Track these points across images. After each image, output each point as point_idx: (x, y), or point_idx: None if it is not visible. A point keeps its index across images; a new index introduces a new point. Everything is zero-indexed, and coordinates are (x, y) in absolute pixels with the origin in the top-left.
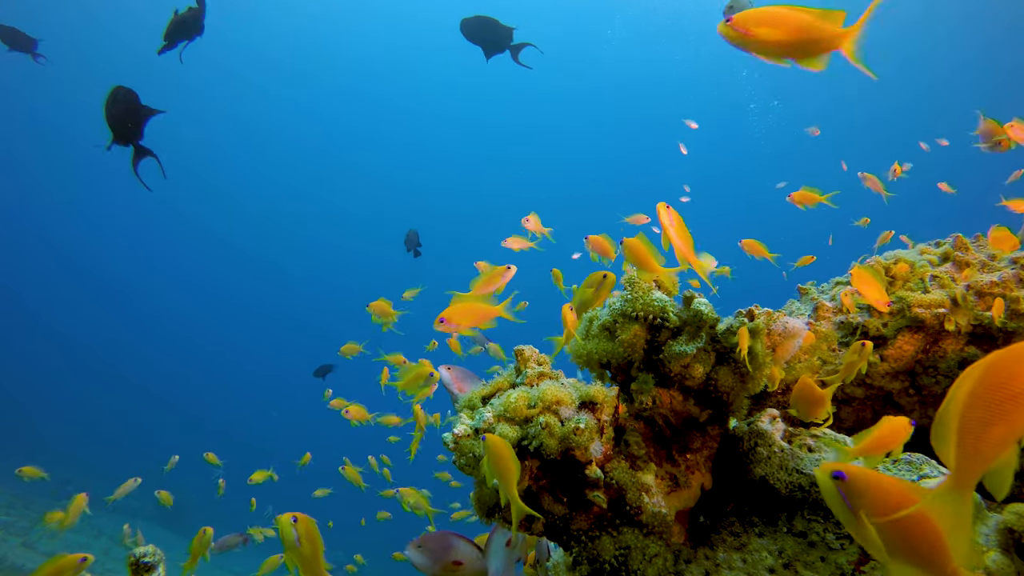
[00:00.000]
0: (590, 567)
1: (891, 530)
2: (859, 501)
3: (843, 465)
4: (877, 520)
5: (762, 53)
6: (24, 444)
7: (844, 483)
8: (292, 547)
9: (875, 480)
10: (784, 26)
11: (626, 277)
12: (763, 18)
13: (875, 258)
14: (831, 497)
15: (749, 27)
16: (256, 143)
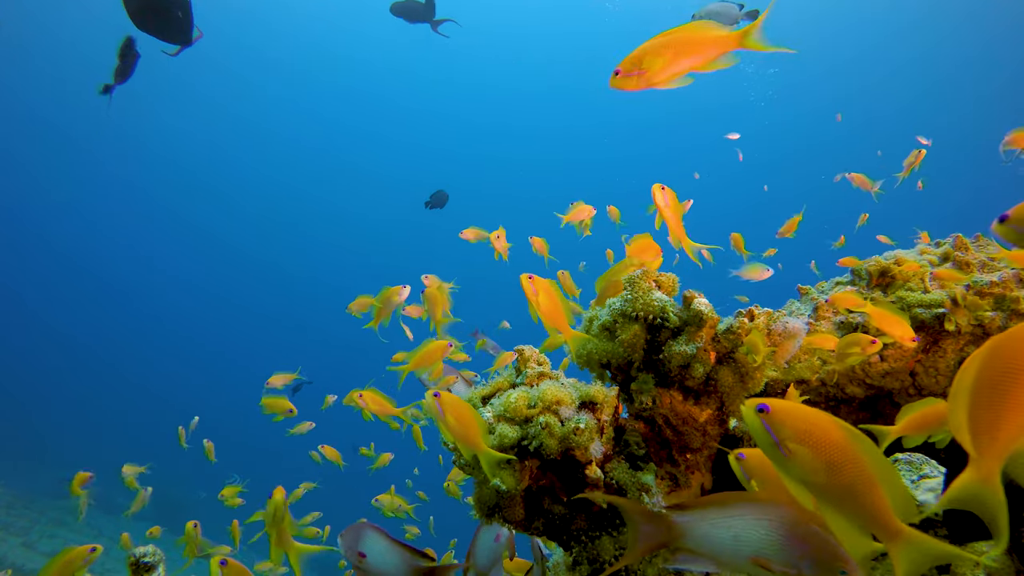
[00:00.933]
0: (590, 567)
1: (819, 466)
2: (783, 432)
3: (768, 399)
4: (804, 453)
5: (666, 85)
6: (24, 444)
7: (768, 415)
8: None
9: (799, 410)
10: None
11: (626, 277)
12: (652, 49)
13: (875, 258)
14: (756, 431)
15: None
16: (256, 143)
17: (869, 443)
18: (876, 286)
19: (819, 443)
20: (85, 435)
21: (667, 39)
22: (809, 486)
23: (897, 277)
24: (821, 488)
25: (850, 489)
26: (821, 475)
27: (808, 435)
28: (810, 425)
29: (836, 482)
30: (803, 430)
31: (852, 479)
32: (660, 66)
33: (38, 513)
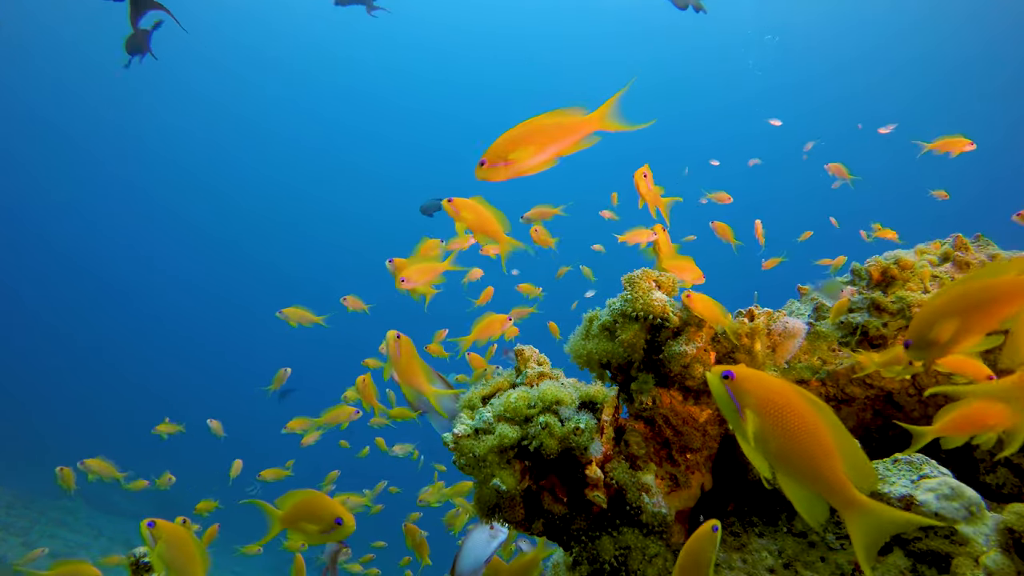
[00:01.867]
0: (590, 567)
1: (778, 433)
2: (746, 398)
3: (733, 366)
4: (764, 420)
5: (533, 172)
6: (24, 444)
7: (731, 382)
8: (152, 550)
9: (761, 378)
10: (540, 141)
11: (626, 277)
12: (517, 140)
13: (875, 258)
14: (720, 397)
15: (508, 156)
16: (255, 143)
17: (830, 413)
18: (876, 286)
19: (780, 410)
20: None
21: (531, 129)
22: (768, 453)
23: (897, 278)
24: (779, 455)
25: (808, 457)
26: (780, 442)
27: (770, 402)
28: (772, 393)
29: (794, 449)
30: (765, 397)
31: (810, 447)
32: (527, 156)
33: (38, 513)
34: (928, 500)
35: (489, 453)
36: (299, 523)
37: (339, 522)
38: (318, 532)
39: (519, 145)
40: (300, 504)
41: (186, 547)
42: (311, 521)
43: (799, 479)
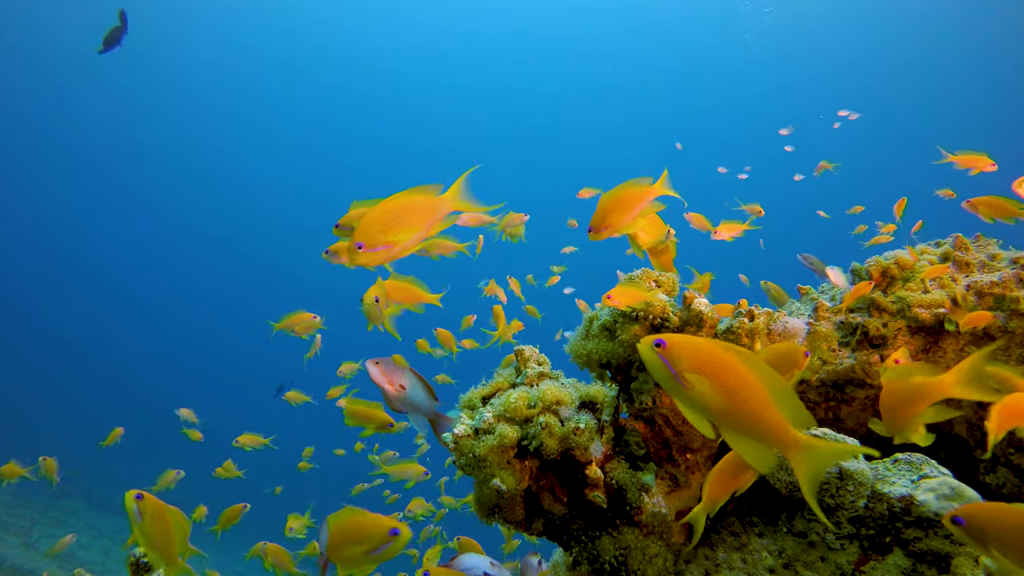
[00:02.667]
0: (590, 567)
1: (717, 392)
2: (681, 364)
3: (663, 335)
4: (702, 382)
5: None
6: (24, 444)
7: (664, 349)
8: (135, 524)
9: (694, 341)
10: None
11: (626, 277)
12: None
13: (875, 258)
14: (655, 366)
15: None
16: (255, 142)
17: (762, 364)
18: (876, 286)
19: (716, 370)
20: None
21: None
22: (709, 412)
23: (897, 278)
24: (721, 413)
25: (749, 410)
26: (721, 400)
27: (705, 364)
28: (706, 354)
29: (735, 405)
30: (700, 360)
31: (750, 400)
32: (406, 238)
33: (38, 513)
34: (928, 500)
35: (489, 453)
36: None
37: (395, 533)
38: (367, 552)
39: (396, 227)
40: (341, 528)
41: (167, 524)
42: (358, 543)
43: (743, 431)
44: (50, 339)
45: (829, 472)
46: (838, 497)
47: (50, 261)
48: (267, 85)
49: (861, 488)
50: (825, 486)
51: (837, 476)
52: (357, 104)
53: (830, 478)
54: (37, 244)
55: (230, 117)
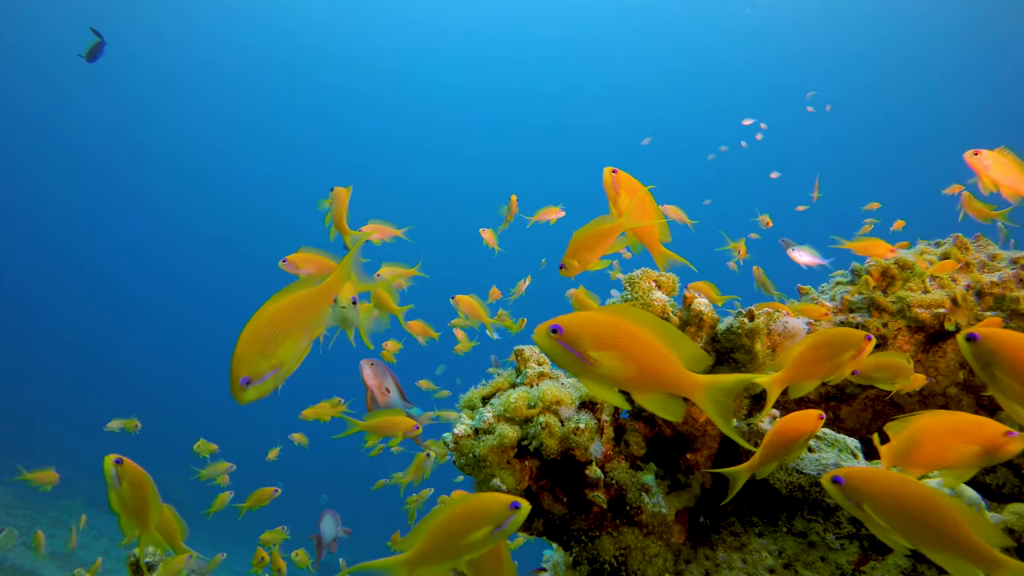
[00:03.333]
0: (590, 567)
1: (622, 361)
2: (582, 344)
3: (559, 319)
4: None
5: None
6: (24, 444)
7: (562, 335)
8: (112, 488)
9: (585, 320)
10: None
11: (626, 277)
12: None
13: (875, 258)
14: (556, 352)
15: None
16: (255, 143)
17: (652, 318)
18: (876, 286)
19: (618, 342)
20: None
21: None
22: (619, 382)
23: (897, 278)
24: (631, 380)
25: (650, 368)
26: (629, 369)
27: (606, 338)
28: (604, 328)
29: (642, 369)
30: (600, 336)
31: (650, 359)
32: (291, 356)
33: (38, 513)
34: None
35: (489, 453)
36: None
37: (516, 506)
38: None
39: (277, 344)
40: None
41: (145, 493)
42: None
43: (652, 389)
44: (50, 339)
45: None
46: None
47: (50, 261)
48: (267, 85)
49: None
50: None
51: None
52: (356, 104)
53: None
54: (37, 244)
55: (230, 117)
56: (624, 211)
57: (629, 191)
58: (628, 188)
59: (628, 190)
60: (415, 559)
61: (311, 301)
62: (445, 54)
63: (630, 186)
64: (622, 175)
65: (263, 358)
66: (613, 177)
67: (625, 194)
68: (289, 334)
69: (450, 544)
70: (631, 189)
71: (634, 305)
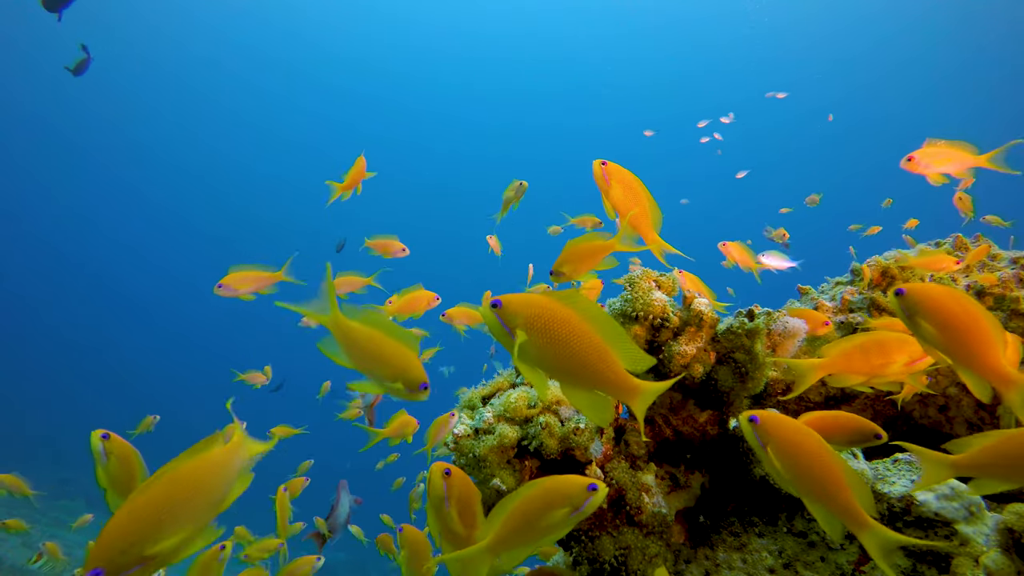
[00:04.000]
0: (590, 567)
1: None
2: (516, 321)
3: (502, 295)
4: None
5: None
6: (24, 444)
7: (500, 309)
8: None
9: (526, 300)
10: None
11: (626, 277)
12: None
13: (875, 258)
14: (493, 324)
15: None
16: (255, 143)
17: (600, 312)
18: (876, 286)
19: (547, 325)
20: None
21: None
22: (546, 366)
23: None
24: (557, 365)
25: (583, 363)
26: (556, 357)
27: (536, 319)
28: (537, 310)
29: (570, 359)
30: (532, 315)
31: (583, 351)
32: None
33: (38, 513)
34: (928, 500)
35: (489, 453)
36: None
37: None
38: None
39: (160, 532)
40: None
41: (133, 468)
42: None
43: (581, 383)
44: (50, 339)
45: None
46: None
47: (50, 261)
48: (267, 85)
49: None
50: None
51: None
52: (356, 104)
53: None
54: (37, 244)
55: (230, 117)
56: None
57: (620, 182)
58: (619, 180)
59: (619, 181)
60: (496, 544)
61: (218, 467)
62: (445, 54)
63: (621, 177)
64: (612, 167)
65: (131, 546)
66: (603, 169)
67: (617, 185)
68: (179, 516)
69: (529, 528)
70: (622, 180)
71: (634, 305)
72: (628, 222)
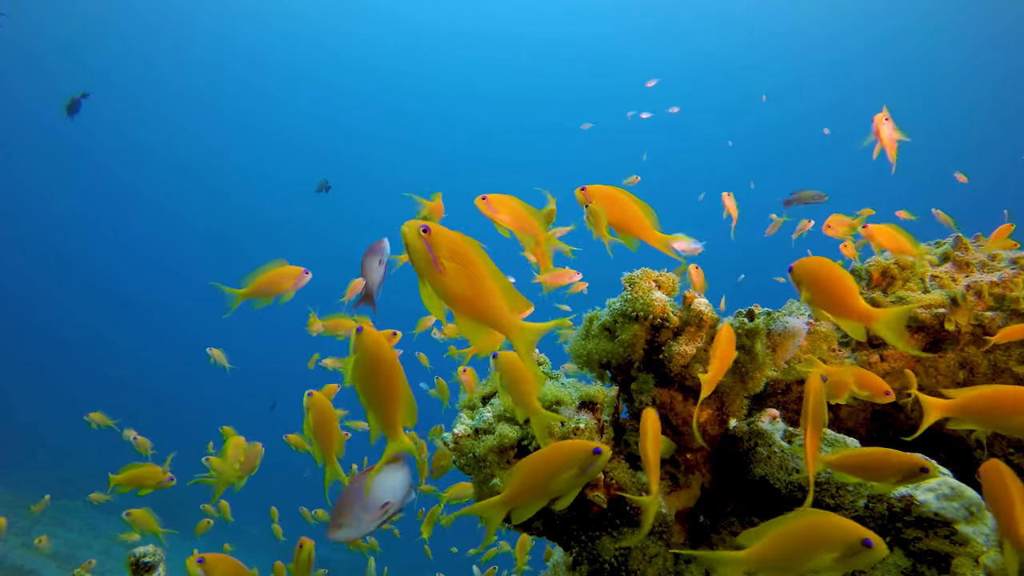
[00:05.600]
0: (590, 567)
1: (463, 279)
2: (440, 251)
3: (428, 222)
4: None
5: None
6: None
7: (428, 235)
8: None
9: (451, 234)
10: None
11: (626, 277)
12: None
13: (875, 258)
14: (418, 250)
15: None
16: (255, 143)
17: (492, 266)
18: (876, 286)
19: (465, 260)
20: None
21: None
22: (452, 297)
23: (897, 278)
24: (463, 298)
25: (482, 296)
26: (465, 286)
27: (458, 253)
28: (459, 245)
29: (474, 291)
30: (454, 249)
31: (486, 289)
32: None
33: (39, 513)
34: (928, 500)
35: (489, 453)
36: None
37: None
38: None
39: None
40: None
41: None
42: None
43: (475, 316)
44: (49, 338)
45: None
46: (838, 497)
47: (50, 261)
48: (267, 85)
49: (861, 488)
50: (825, 486)
51: None
52: (356, 104)
53: (830, 478)
54: (37, 244)
55: (230, 117)
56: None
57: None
58: (600, 197)
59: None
60: (508, 500)
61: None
62: (445, 54)
63: (602, 194)
64: (591, 189)
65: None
66: (583, 194)
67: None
68: None
69: (541, 486)
70: (603, 196)
71: (634, 305)
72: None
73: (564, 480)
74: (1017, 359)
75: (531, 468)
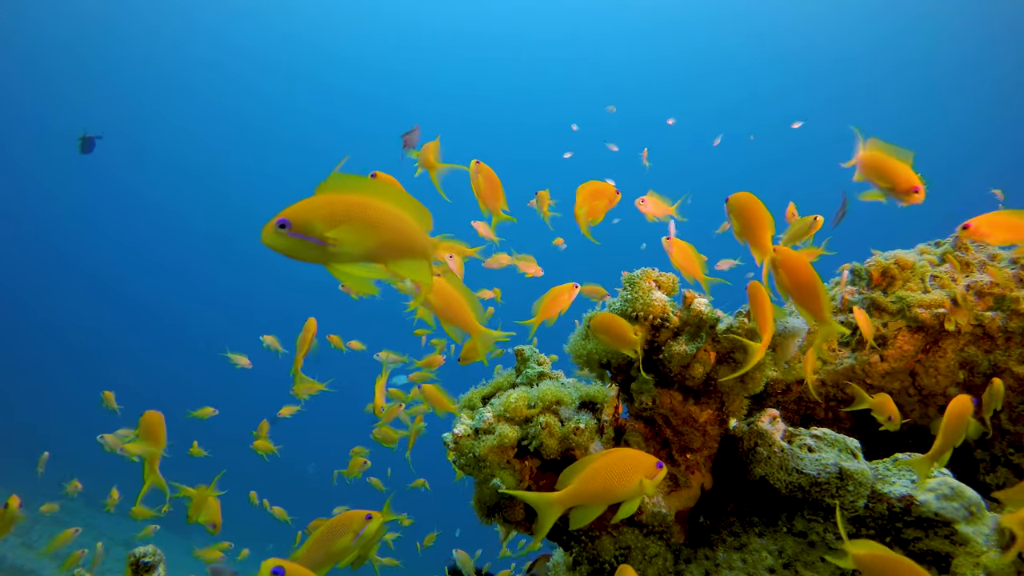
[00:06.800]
0: (590, 567)
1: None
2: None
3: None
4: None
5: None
6: (24, 444)
7: (293, 227)
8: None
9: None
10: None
11: (626, 277)
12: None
13: (875, 258)
14: (293, 250)
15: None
16: (256, 143)
17: (389, 188)
18: (876, 286)
19: (352, 214)
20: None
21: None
22: (367, 255)
23: (897, 278)
24: (376, 249)
25: (398, 231)
26: (372, 237)
27: (339, 214)
28: (334, 206)
29: (385, 233)
30: (331, 213)
31: (396, 223)
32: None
33: (38, 513)
34: (928, 500)
35: (489, 453)
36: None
37: (661, 466)
38: (639, 485)
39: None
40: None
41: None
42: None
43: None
44: (49, 338)
45: (829, 472)
46: (838, 497)
47: (50, 261)
48: (267, 85)
49: (861, 488)
50: (825, 486)
51: (837, 476)
52: (357, 104)
53: (830, 478)
54: (37, 244)
55: (230, 117)
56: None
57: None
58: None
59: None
60: (567, 499)
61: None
62: (445, 54)
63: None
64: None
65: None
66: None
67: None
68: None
69: (603, 492)
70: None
71: (634, 305)
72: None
73: (626, 490)
74: (1017, 359)
75: (593, 471)
